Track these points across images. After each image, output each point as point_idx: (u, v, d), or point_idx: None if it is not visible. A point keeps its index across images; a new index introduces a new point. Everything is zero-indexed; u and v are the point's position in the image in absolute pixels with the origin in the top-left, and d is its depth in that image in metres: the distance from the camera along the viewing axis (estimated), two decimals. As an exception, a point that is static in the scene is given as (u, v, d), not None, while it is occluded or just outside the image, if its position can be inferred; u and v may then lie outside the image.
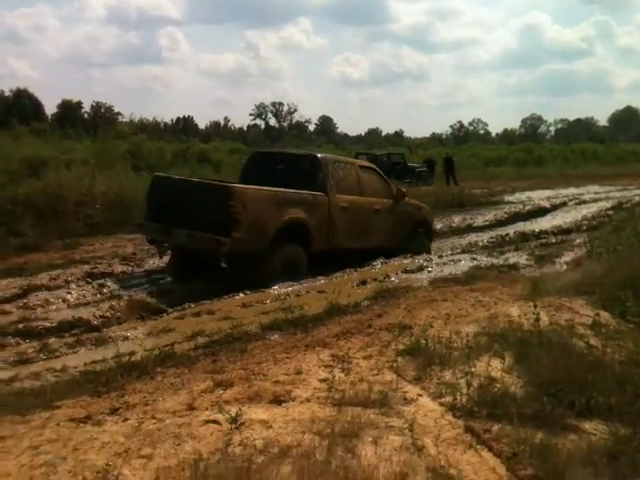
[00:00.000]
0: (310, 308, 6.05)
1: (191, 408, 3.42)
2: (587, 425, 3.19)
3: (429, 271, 8.12)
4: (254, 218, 7.25)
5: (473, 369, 3.89)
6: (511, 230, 13.03)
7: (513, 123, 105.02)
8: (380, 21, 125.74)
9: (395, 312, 5.62)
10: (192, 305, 6.41)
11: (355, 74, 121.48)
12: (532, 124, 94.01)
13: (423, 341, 4.34)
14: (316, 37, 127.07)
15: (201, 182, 8.22)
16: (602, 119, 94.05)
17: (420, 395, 3.58)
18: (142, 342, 5.05)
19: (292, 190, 7.92)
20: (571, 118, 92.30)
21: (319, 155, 9.15)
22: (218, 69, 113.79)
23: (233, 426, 3.07)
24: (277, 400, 3.49)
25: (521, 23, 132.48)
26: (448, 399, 3.49)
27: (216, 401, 3.47)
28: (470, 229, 13.90)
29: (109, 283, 7.22)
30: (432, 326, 4.89)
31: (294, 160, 9.23)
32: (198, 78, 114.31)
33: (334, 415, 3.25)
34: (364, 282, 7.40)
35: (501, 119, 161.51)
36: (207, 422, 3.18)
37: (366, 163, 10.77)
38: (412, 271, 8.09)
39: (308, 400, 3.49)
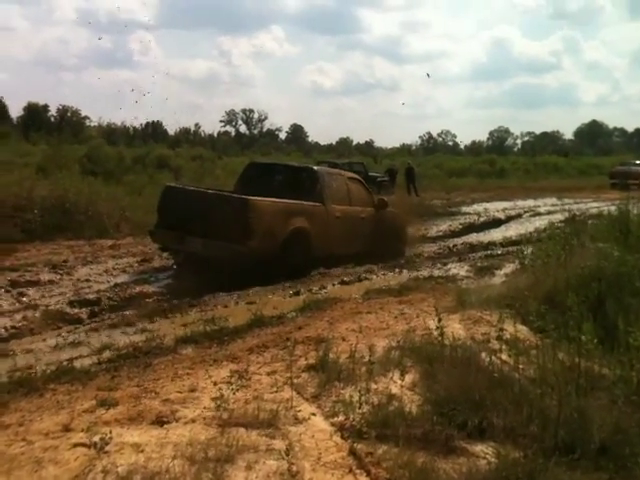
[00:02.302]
0: (234, 320, 5.87)
1: (66, 429, 3.21)
2: (477, 447, 3.07)
3: (367, 282, 8.00)
4: (267, 228, 7.87)
5: (376, 386, 3.78)
6: (461, 241, 13.01)
7: (481, 135, 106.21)
8: (352, 31, 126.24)
9: (317, 325, 5.47)
10: (112, 316, 6.18)
11: (327, 83, 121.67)
12: (499, 136, 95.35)
13: (330, 356, 4.20)
14: (289, 45, 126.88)
15: (218, 193, 8.64)
16: (568, 133, 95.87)
17: (313, 414, 3.43)
18: (45, 356, 4.80)
19: (297, 201, 8.58)
20: (538, 131, 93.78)
21: (316, 168, 9.94)
22: (190, 75, 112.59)
23: (101, 450, 2.87)
24: (159, 421, 3.29)
25: (490, 36, 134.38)
26: (341, 419, 3.35)
27: (94, 422, 3.27)
28: (422, 240, 13.83)
29: (30, 292, 6.92)
30: (346, 340, 4.77)
31: (291, 172, 9.86)
32: (169, 83, 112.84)
33: (215, 437, 3.07)
34: (298, 293, 7.24)
35: (470, 131, 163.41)
36: (76, 445, 2.98)
37: (353, 175, 11.28)
38: (349, 282, 7.96)
39: (193, 421, 3.31)
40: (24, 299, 6.65)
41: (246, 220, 7.60)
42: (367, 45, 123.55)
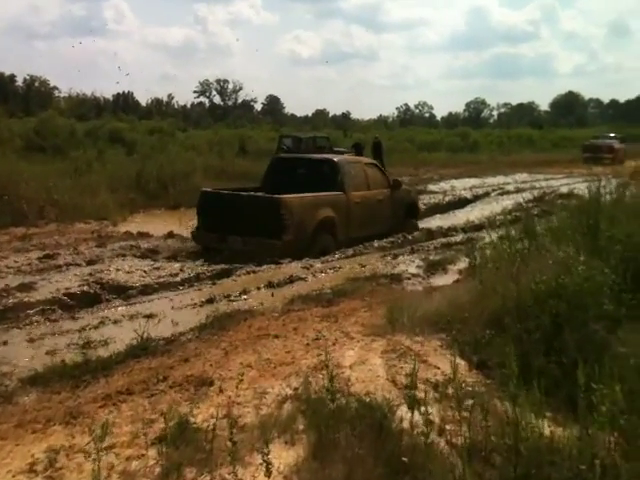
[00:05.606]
0: (114, 344, 4.77)
1: None
2: None
3: (299, 283, 6.91)
4: (299, 221, 8.56)
5: (241, 472, 2.69)
6: (421, 226, 11.95)
7: (459, 107, 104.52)
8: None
9: (209, 355, 4.36)
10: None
11: (305, 52, 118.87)
12: (476, 108, 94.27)
13: (196, 418, 3.12)
14: (266, 12, 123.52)
15: (252, 195, 9.28)
16: (544, 104, 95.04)
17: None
18: None
19: (322, 193, 9.28)
20: (514, 102, 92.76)
21: (336, 159, 10.45)
22: (165, 43, 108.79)
23: None
24: None
25: (469, 4, 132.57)
26: None
27: None
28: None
29: None
30: (233, 382, 3.68)
31: (314, 164, 10.43)
32: (145, 52, 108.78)
33: None
34: (211, 300, 6.12)
35: (448, 102, 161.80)
36: None
37: (370, 160, 12.33)
38: (278, 284, 6.82)
39: None
40: None
41: (280, 217, 8.29)
42: (345, 13, 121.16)
